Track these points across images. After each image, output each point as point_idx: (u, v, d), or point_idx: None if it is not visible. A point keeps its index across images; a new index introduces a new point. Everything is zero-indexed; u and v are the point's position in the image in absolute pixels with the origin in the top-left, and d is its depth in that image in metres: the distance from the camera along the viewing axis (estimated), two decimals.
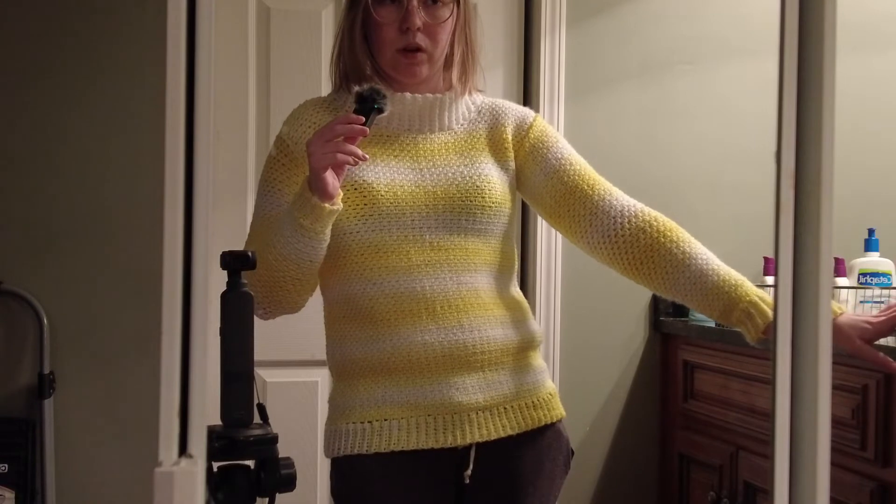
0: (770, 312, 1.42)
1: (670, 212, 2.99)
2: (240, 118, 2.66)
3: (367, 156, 1.39)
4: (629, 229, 1.54)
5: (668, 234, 1.53)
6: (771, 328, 1.39)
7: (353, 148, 1.36)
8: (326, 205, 1.38)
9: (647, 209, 1.57)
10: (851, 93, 2.86)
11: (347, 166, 1.39)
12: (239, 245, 1.28)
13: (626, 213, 1.55)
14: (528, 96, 2.78)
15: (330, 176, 1.37)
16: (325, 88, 2.68)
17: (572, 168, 1.58)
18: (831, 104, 0.87)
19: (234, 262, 1.13)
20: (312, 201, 1.37)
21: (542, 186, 1.58)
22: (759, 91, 2.80)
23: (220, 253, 1.26)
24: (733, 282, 1.47)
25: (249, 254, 1.15)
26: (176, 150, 0.82)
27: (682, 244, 1.52)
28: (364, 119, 1.38)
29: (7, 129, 2.52)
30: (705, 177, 2.86)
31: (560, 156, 1.59)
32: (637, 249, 1.53)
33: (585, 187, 1.57)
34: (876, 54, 2.96)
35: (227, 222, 2.60)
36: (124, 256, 2.54)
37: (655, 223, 1.54)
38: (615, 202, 1.56)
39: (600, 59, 2.79)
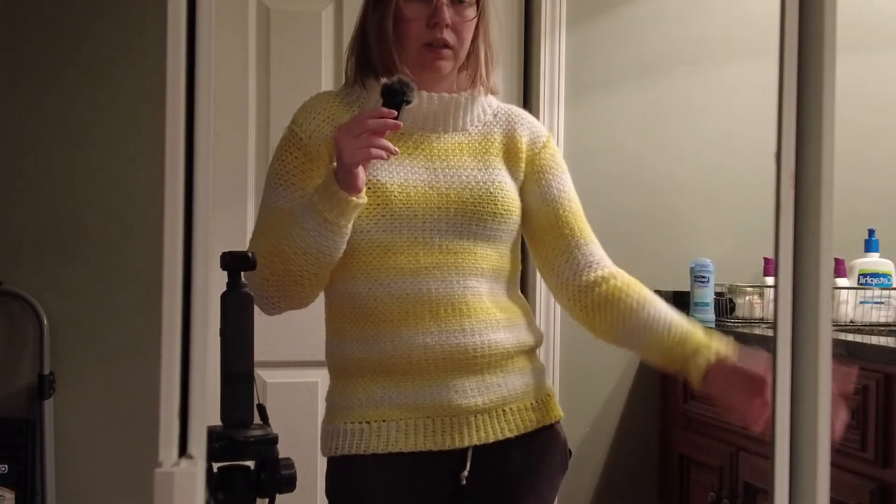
0: (720, 356, 1.44)
1: (670, 213, 3.00)
2: (240, 118, 2.66)
3: (398, 150, 1.39)
4: (594, 277, 1.55)
5: (630, 287, 1.55)
6: (715, 375, 1.42)
7: (386, 143, 1.36)
8: (353, 198, 1.38)
9: (617, 269, 1.59)
10: (852, 93, 2.86)
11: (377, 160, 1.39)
12: (239, 245, 1.28)
13: (600, 264, 1.57)
14: (528, 96, 2.78)
15: (360, 171, 1.37)
16: (325, 88, 2.69)
17: (570, 205, 1.60)
18: (831, 104, 0.87)
19: (234, 263, 1.13)
20: (339, 195, 1.37)
21: (534, 208, 1.58)
22: (760, 91, 2.80)
23: (221, 253, 1.26)
24: (687, 325, 1.51)
25: (249, 254, 1.14)
26: (176, 150, 0.82)
27: (641, 294, 1.54)
28: (396, 113, 1.37)
29: (7, 129, 2.52)
30: (705, 177, 2.86)
31: (562, 188, 1.60)
32: (597, 296, 1.55)
33: (574, 227, 1.58)
34: (876, 54, 2.96)
35: (227, 222, 2.60)
36: (124, 256, 2.54)
37: (621, 277, 1.56)
38: (594, 251, 1.58)
39: (600, 59, 2.79)
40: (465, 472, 1.50)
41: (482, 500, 1.52)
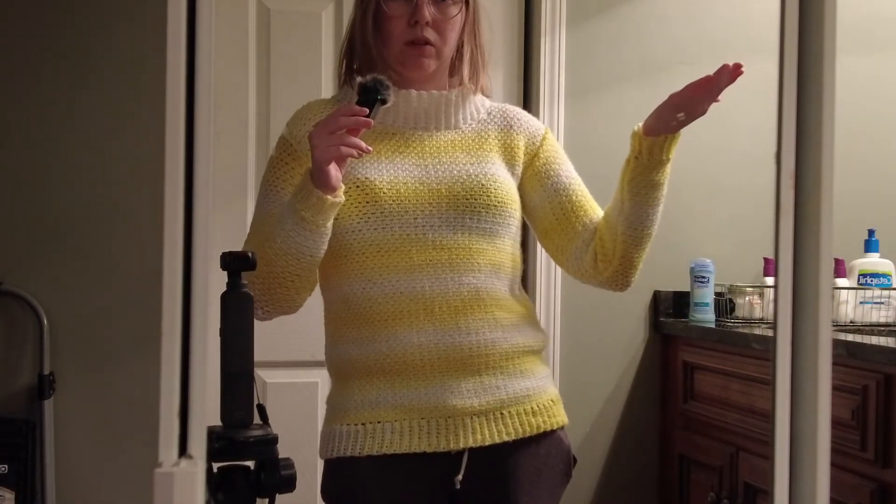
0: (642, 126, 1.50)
1: (670, 212, 3.00)
2: (240, 118, 2.66)
3: (370, 148, 1.38)
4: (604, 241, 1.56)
5: (600, 223, 1.57)
6: (648, 124, 1.52)
7: (357, 140, 1.35)
8: (329, 197, 1.37)
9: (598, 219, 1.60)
10: (852, 94, 2.86)
11: (350, 158, 1.38)
12: (239, 245, 1.28)
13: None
14: (528, 96, 2.78)
15: (333, 168, 1.36)
16: (325, 88, 2.70)
17: (580, 189, 1.61)
18: (831, 104, 0.87)
19: (234, 263, 1.14)
20: (315, 193, 1.36)
21: (547, 201, 1.58)
22: (759, 92, 2.79)
23: (220, 253, 1.26)
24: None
25: (249, 254, 1.15)
26: (176, 151, 0.82)
27: (605, 215, 1.58)
28: (368, 111, 1.36)
29: (7, 129, 2.52)
30: (705, 177, 2.86)
31: (570, 175, 1.61)
32: (609, 248, 1.55)
33: (588, 209, 1.59)
34: (877, 55, 2.96)
35: (227, 222, 2.60)
36: (124, 257, 2.54)
37: (598, 229, 1.57)
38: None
39: (600, 59, 2.79)
40: (459, 477, 1.48)
41: None
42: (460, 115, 1.56)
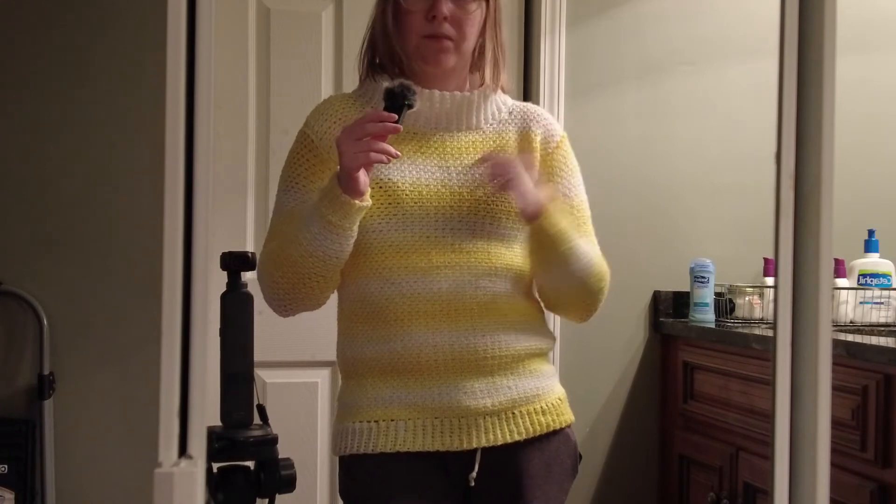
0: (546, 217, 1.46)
1: (670, 213, 3.00)
2: (240, 118, 2.66)
3: (399, 153, 1.38)
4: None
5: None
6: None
7: (386, 146, 1.36)
8: (356, 201, 1.38)
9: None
10: (852, 94, 2.86)
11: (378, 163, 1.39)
12: (239, 245, 1.28)
13: None
14: (528, 96, 2.78)
15: (362, 174, 1.37)
16: (325, 88, 2.70)
17: (572, 208, 1.58)
18: (831, 105, 0.87)
19: (234, 263, 1.14)
20: (342, 198, 1.37)
21: None
22: (759, 92, 2.80)
23: (221, 253, 1.26)
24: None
25: (249, 254, 1.15)
26: (176, 150, 0.82)
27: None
28: (396, 116, 1.37)
29: (7, 129, 2.52)
30: (705, 178, 2.86)
31: (569, 193, 1.59)
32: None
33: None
34: (877, 53, 2.96)
35: (227, 222, 2.60)
36: (124, 256, 2.54)
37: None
38: None
39: (600, 59, 2.79)
40: (474, 474, 1.49)
41: (491, 502, 1.52)
42: (482, 115, 1.56)
